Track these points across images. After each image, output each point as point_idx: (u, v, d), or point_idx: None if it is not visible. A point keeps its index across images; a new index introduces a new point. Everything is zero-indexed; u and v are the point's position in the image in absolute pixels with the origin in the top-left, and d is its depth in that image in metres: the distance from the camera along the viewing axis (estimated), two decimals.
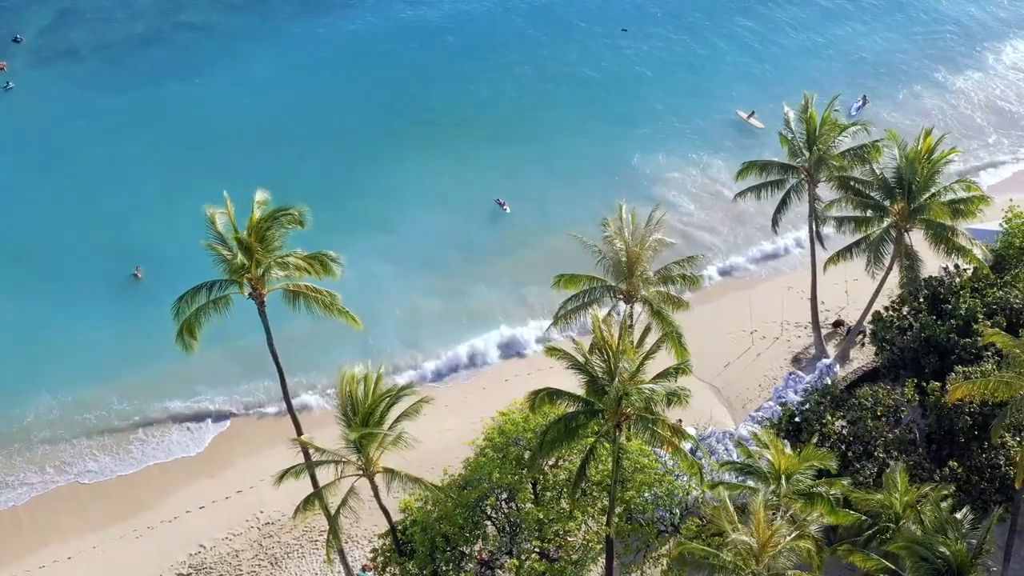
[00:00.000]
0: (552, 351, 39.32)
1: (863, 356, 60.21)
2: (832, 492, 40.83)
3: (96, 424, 58.76)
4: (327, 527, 42.68)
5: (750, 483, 41.80)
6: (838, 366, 59.02)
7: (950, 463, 45.83)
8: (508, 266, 69.57)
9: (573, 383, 40.02)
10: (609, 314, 44.68)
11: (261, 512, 53.75)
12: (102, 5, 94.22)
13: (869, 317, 57.76)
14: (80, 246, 69.15)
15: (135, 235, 69.49)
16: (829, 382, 56.97)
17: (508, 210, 73.17)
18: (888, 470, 43.08)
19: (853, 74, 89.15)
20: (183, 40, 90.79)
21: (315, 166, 76.16)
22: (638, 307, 47.13)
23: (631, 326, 43.16)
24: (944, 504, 40.32)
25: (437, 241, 70.80)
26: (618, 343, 38.74)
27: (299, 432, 46.80)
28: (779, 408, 55.20)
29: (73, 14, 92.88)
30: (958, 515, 39.86)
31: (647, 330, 41.22)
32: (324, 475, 43.82)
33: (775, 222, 58.67)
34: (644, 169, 77.84)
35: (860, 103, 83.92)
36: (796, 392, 57.26)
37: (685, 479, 45.56)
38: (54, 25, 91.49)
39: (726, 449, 54.12)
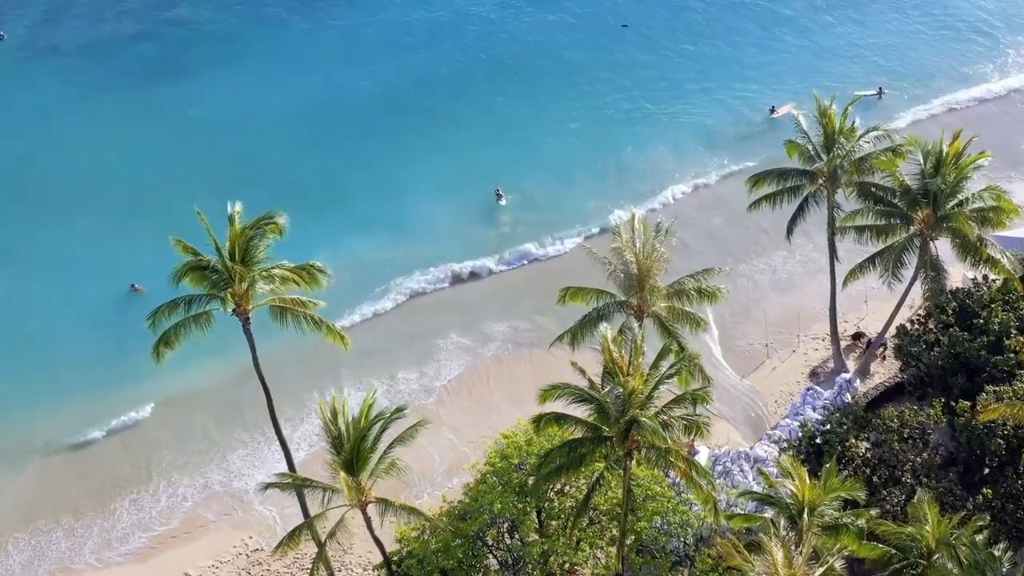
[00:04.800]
0: (547, 393, 36.70)
1: (884, 370, 57.27)
2: (858, 523, 38.13)
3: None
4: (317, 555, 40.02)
5: (768, 514, 38.99)
6: (858, 381, 56.10)
7: (983, 490, 42.86)
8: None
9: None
10: (620, 333, 41.80)
11: (250, 538, 51.09)
12: (90, 3, 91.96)
13: (892, 330, 54.83)
14: (67, 253, 66.46)
15: (125, 239, 66.72)
16: (849, 398, 54.36)
17: (504, 202, 71.32)
18: (916, 498, 40.23)
19: (869, 71, 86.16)
20: (174, 37, 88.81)
21: (310, 163, 74.38)
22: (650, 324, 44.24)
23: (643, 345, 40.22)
24: (979, 536, 37.46)
25: (436, 237, 69.05)
26: (628, 366, 36.12)
27: (288, 458, 44.44)
28: (796, 426, 52.45)
29: (60, 11, 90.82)
30: (995, 551, 36.97)
31: (663, 352, 38.32)
32: (314, 499, 41.06)
33: (790, 230, 55.81)
34: (645, 169, 75.56)
35: (875, 95, 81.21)
36: (814, 409, 54.44)
37: (699, 508, 42.70)
38: (40, 22, 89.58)
39: (741, 470, 51.38)
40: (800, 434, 48.63)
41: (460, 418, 56.83)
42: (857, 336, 60.24)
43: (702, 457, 51.33)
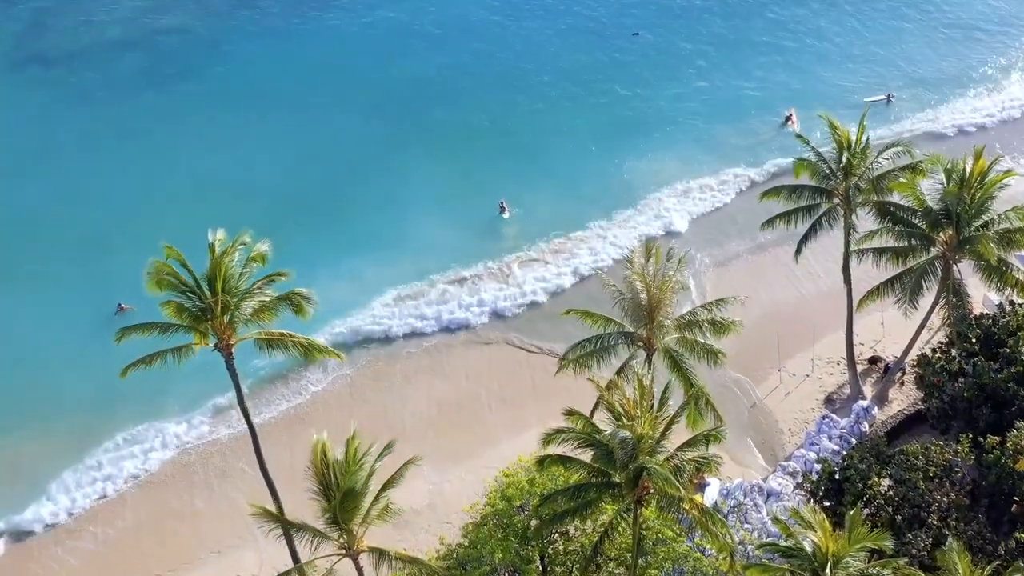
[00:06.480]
0: (550, 437, 34.72)
1: (903, 396, 54.69)
2: (885, 573, 35.63)
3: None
4: None
5: (785, 564, 36.52)
6: (876, 408, 53.60)
7: (1016, 535, 40.27)
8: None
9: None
10: (622, 370, 39.35)
11: None
12: (78, 10, 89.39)
13: (912, 357, 52.32)
14: (50, 270, 64.06)
15: (112, 255, 63.99)
16: (867, 427, 51.87)
17: (507, 215, 69.15)
18: (945, 544, 37.70)
19: (877, 76, 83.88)
20: (165, 46, 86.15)
21: (306, 173, 72.09)
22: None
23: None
24: None
25: (437, 250, 66.93)
26: (636, 408, 33.75)
27: (275, 497, 41.86)
28: (812, 457, 49.97)
29: (46, 20, 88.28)
30: None
31: (667, 388, 35.95)
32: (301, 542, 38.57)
33: (799, 250, 53.37)
34: (651, 180, 73.24)
35: (883, 101, 78.98)
36: (831, 438, 51.98)
37: (712, 553, 40.21)
38: (25, 31, 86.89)
39: (754, 504, 48.91)
40: (817, 467, 46.12)
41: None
42: (874, 360, 57.60)
43: (713, 489, 48.99)
